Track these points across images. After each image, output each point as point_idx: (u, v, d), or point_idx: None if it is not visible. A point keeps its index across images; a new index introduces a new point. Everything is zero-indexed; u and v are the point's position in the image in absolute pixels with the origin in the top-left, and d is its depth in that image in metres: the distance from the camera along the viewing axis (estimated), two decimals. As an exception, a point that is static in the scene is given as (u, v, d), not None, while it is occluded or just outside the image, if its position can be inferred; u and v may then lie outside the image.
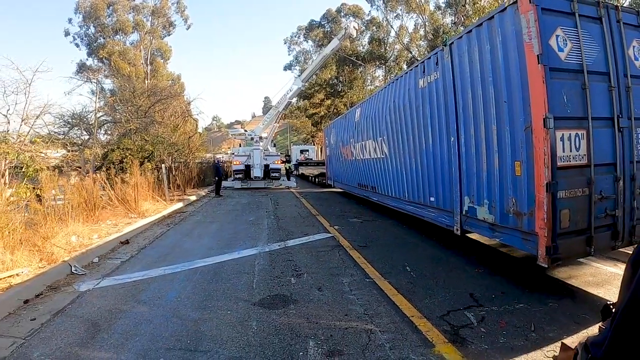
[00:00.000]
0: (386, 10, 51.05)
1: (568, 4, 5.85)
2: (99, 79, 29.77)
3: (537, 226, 5.48)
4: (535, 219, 5.53)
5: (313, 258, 7.66)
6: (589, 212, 5.57)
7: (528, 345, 4.06)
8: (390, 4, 50.36)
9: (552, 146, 5.35)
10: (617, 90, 6.01)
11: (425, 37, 47.03)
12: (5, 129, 15.12)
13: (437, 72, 8.51)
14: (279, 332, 4.42)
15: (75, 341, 4.35)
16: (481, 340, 4.21)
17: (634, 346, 1.05)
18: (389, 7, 50.75)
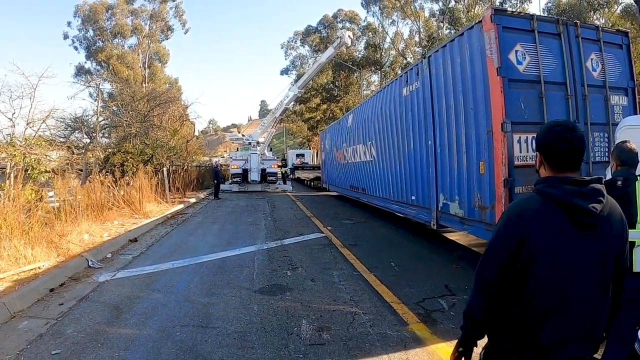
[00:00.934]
0: (382, 16, 51.73)
1: (528, 22, 6.74)
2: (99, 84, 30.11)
3: (497, 218, 6.29)
4: (496, 212, 6.37)
5: (307, 254, 8.41)
6: None
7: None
8: (386, 10, 51.07)
9: (509, 147, 6.21)
10: (574, 98, 6.87)
11: (420, 43, 47.86)
12: (10, 132, 15.78)
13: (417, 82, 9.36)
14: (276, 313, 5.18)
15: (102, 321, 5.09)
16: (449, 321, 4.95)
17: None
18: (384, 13, 51.45)
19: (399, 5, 49.25)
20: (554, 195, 1.74)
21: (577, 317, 1.74)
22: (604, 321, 1.83)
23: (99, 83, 30.00)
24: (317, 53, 49.97)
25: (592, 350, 1.80)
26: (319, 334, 4.59)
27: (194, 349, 4.23)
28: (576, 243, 1.72)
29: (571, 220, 1.71)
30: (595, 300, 1.77)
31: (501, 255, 1.81)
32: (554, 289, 1.72)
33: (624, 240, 1.86)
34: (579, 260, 1.72)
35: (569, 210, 1.71)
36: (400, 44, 52.98)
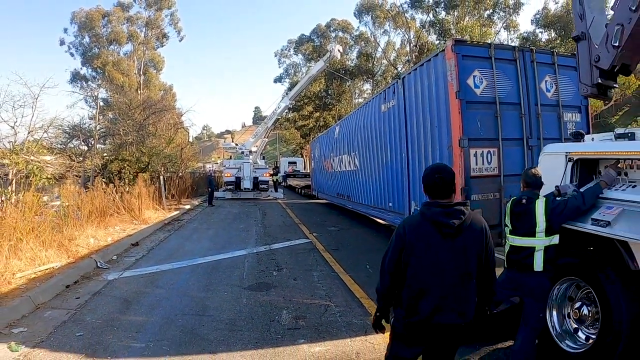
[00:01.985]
0: (374, 26, 52.75)
1: (486, 50, 7.81)
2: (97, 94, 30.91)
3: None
4: (455, 217, 7.39)
5: (292, 258, 9.41)
6: (500, 211, 7.36)
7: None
8: (379, 20, 52.11)
9: (465, 161, 7.28)
10: (528, 116, 7.93)
11: (411, 53, 48.91)
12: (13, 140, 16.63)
13: (394, 100, 10.44)
14: (262, 305, 6.19)
15: (115, 310, 6.06)
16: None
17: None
18: (377, 23, 52.45)
19: (391, 16, 50.38)
20: (427, 215, 2.77)
21: (446, 295, 2.74)
22: (471, 299, 2.83)
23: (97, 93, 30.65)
24: (310, 62, 50.94)
25: (461, 319, 2.78)
26: (296, 321, 5.59)
27: (193, 332, 5.22)
28: (441, 245, 2.73)
29: (438, 231, 2.73)
30: (460, 284, 2.77)
31: (394, 253, 2.83)
32: (425, 276, 2.74)
33: (484, 243, 2.85)
34: (443, 257, 2.73)
35: (436, 224, 2.73)
36: (391, 54, 54.11)
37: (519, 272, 4.06)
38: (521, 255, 4.04)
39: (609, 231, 3.70)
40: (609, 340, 3.69)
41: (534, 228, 4.02)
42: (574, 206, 4.01)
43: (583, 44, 5.03)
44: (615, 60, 4.54)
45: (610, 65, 4.62)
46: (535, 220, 4.02)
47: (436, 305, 2.71)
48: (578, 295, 4.29)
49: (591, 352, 3.92)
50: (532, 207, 4.07)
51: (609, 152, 4.28)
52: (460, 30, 43.24)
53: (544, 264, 3.94)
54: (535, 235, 4.01)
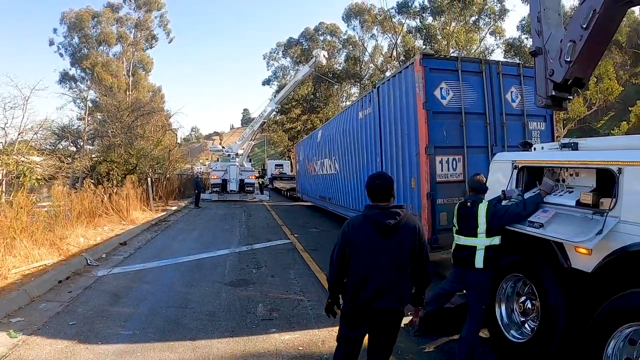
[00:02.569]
0: (362, 30, 53.35)
1: (454, 63, 8.48)
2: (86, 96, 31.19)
3: (422, 224, 7.97)
4: (421, 219, 8.00)
5: (272, 257, 10.01)
6: None
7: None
8: (366, 24, 52.76)
9: (431, 167, 7.92)
10: (493, 125, 8.60)
11: (398, 58, 49.53)
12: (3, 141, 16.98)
13: (370, 108, 11.08)
14: (240, 299, 6.78)
15: (105, 303, 6.62)
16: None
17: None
18: (364, 27, 53.08)
19: (379, 20, 51.01)
20: (368, 215, 3.39)
21: (383, 283, 3.35)
22: (406, 287, 3.45)
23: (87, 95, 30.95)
24: (299, 65, 51.17)
25: (397, 304, 3.40)
26: (270, 313, 6.20)
27: (176, 321, 5.81)
28: (379, 241, 3.34)
29: (377, 229, 3.35)
30: (396, 274, 3.38)
31: (340, 248, 3.44)
32: (365, 267, 3.35)
33: (417, 240, 3.44)
34: (381, 252, 3.34)
35: (375, 224, 3.35)
36: (379, 59, 54.75)
37: (463, 268, 4.65)
38: (464, 254, 4.62)
39: (541, 232, 4.29)
40: (547, 331, 4.25)
41: (476, 229, 4.57)
42: (515, 212, 4.59)
43: (540, 58, 5.65)
44: (568, 74, 5.15)
45: (563, 79, 5.23)
46: (477, 222, 4.58)
47: (375, 292, 3.32)
48: (525, 291, 4.85)
49: (532, 341, 4.47)
50: (475, 210, 4.62)
51: (549, 161, 4.89)
52: (446, 36, 44.11)
53: (484, 262, 4.49)
54: (477, 236, 4.57)
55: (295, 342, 5.22)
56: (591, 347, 3.58)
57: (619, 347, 3.43)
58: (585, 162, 4.29)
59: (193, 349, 4.98)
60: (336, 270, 3.48)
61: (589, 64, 5.27)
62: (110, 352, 4.88)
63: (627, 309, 3.36)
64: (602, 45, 5.20)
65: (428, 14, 46.56)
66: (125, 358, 4.72)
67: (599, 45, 5.09)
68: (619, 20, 5.22)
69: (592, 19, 4.75)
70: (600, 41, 5.04)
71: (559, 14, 6.01)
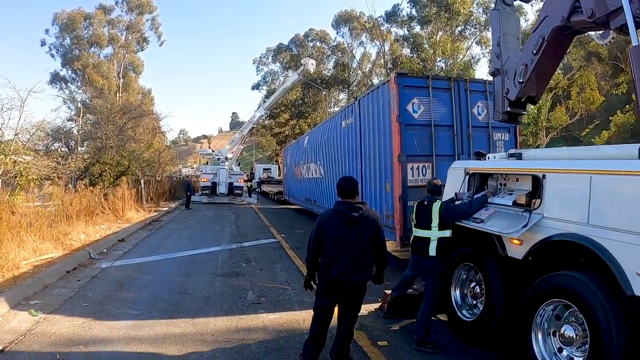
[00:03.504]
0: (351, 37, 54.02)
1: (425, 81, 9.49)
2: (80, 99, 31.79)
3: (395, 224, 8.95)
4: (395, 220, 8.95)
5: (260, 253, 10.91)
6: None
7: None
8: (355, 31, 53.55)
9: (404, 173, 8.87)
10: (460, 136, 9.59)
11: (385, 65, 50.34)
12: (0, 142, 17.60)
13: (352, 118, 12.03)
14: (232, 287, 7.69)
15: (112, 289, 7.47)
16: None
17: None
18: (353, 34, 53.84)
19: (367, 28, 51.84)
20: (337, 209, 4.35)
21: (349, 262, 4.29)
22: (367, 266, 4.40)
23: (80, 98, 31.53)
24: (288, 70, 51.86)
25: (359, 278, 4.36)
26: (259, 298, 7.10)
27: (177, 304, 6.69)
28: (345, 230, 4.29)
29: (343, 220, 4.29)
30: (358, 255, 4.33)
31: (315, 235, 4.38)
32: (334, 250, 4.29)
33: (375, 229, 4.41)
34: (346, 238, 4.29)
35: (342, 216, 4.30)
36: (367, 66, 55.61)
37: (419, 256, 5.63)
38: (421, 244, 5.58)
39: (481, 226, 5.24)
40: (489, 311, 5.16)
41: (430, 223, 5.54)
42: (462, 210, 5.56)
43: (498, 78, 6.61)
44: (521, 93, 6.11)
45: (516, 97, 6.20)
46: (431, 217, 5.55)
47: (342, 270, 4.26)
48: (474, 277, 5.79)
49: (479, 319, 5.39)
50: (430, 208, 5.58)
51: (494, 169, 5.86)
52: (433, 45, 45.10)
53: (437, 251, 5.45)
54: (431, 229, 5.54)
55: (280, 320, 6.13)
56: (523, 322, 4.49)
57: (545, 321, 4.33)
58: (522, 170, 5.25)
59: (193, 324, 5.85)
60: (312, 253, 4.43)
61: (539, 84, 6.24)
62: (122, 326, 5.73)
63: (547, 290, 4.29)
64: (551, 68, 6.18)
65: (415, 23, 47.23)
66: (136, 331, 5.57)
67: (548, 68, 6.06)
68: (565, 47, 6.22)
69: (542, 46, 5.70)
70: (549, 65, 6.01)
71: (517, 39, 6.98)
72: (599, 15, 4.87)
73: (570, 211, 4.25)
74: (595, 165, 4.13)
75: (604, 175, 3.95)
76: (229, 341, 5.32)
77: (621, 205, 3.76)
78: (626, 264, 3.56)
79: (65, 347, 5.03)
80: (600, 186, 3.96)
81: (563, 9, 5.35)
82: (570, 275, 4.12)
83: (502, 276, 5.12)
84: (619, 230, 3.66)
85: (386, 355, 5.03)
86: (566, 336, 4.11)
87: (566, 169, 4.45)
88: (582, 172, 4.19)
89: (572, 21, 5.31)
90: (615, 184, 3.87)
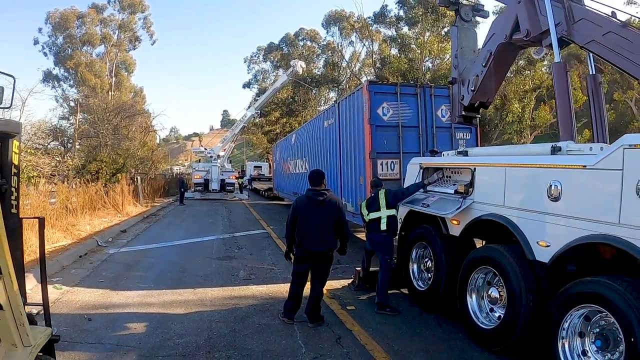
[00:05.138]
0: (341, 37, 54.57)
1: (394, 87, 10.71)
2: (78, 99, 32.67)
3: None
4: (367, 209, 10.14)
5: (250, 242, 12.14)
6: None
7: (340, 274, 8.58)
8: (345, 31, 54.18)
9: (374, 168, 10.07)
10: (425, 136, 10.78)
11: (374, 65, 51.15)
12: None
13: (332, 119, 13.22)
14: (226, 268, 8.92)
15: (122, 269, 8.67)
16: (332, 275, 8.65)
17: None
18: (343, 34, 54.43)
19: (357, 28, 52.55)
20: (307, 194, 5.64)
21: (316, 235, 5.56)
22: (331, 239, 5.69)
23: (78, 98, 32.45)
24: (278, 69, 52.46)
25: (325, 248, 5.66)
26: (249, 275, 8.33)
27: (179, 280, 7.91)
28: (314, 211, 5.56)
29: (312, 203, 5.57)
30: (324, 230, 5.60)
31: (291, 215, 5.66)
32: (306, 227, 5.57)
33: (337, 210, 5.69)
34: (315, 217, 5.56)
35: (311, 199, 5.57)
36: (356, 65, 56.33)
37: (372, 233, 6.83)
38: (373, 224, 6.79)
39: (425, 209, 6.46)
40: (437, 280, 6.36)
41: (378, 206, 6.75)
42: (401, 192, 6.90)
43: (455, 86, 7.78)
44: (473, 99, 7.31)
45: (469, 103, 7.39)
46: (379, 203, 6.76)
47: (312, 241, 5.54)
48: (427, 254, 6.95)
49: (429, 289, 6.59)
50: (377, 196, 6.82)
51: (442, 164, 7.05)
52: (420, 45, 46.12)
53: (387, 226, 6.67)
54: (380, 210, 6.73)
55: (267, 291, 7.36)
56: (461, 285, 5.69)
57: (478, 286, 5.53)
58: (460, 164, 6.49)
59: (194, 294, 7.07)
60: (290, 229, 5.71)
61: (489, 92, 7.42)
62: (136, 295, 6.94)
63: (477, 259, 5.50)
64: (498, 78, 7.34)
65: (403, 24, 48.06)
66: (147, 299, 6.77)
67: (495, 78, 7.22)
68: (511, 60, 7.46)
69: (489, 59, 6.89)
70: (496, 75, 7.15)
71: (474, 51, 8.14)
72: (534, 35, 6.10)
73: (492, 196, 5.46)
74: (508, 160, 5.41)
75: (514, 167, 5.19)
76: (224, 305, 6.54)
77: (525, 190, 4.97)
78: (529, 235, 4.73)
79: (90, 310, 6.23)
80: (512, 176, 5.19)
81: (506, 28, 6.58)
82: (493, 247, 5.37)
83: (445, 251, 6.30)
84: (524, 210, 4.86)
85: (353, 316, 6.20)
86: (492, 297, 5.31)
87: (489, 163, 5.72)
88: (499, 166, 5.45)
89: (514, 39, 6.52)
90: (520, 174, 5.10)
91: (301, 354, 4.81)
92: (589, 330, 3.95)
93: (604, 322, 3.80)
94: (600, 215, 3.88)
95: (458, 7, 8.55)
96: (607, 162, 3.89)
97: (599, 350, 3.84)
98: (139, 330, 5.44)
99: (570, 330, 4.06)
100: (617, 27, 5.13)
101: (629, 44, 4.92)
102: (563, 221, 4.27)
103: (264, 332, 5.40)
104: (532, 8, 6.09)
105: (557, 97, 6.52)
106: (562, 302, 4.11)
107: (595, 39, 5.34)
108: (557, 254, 4.29)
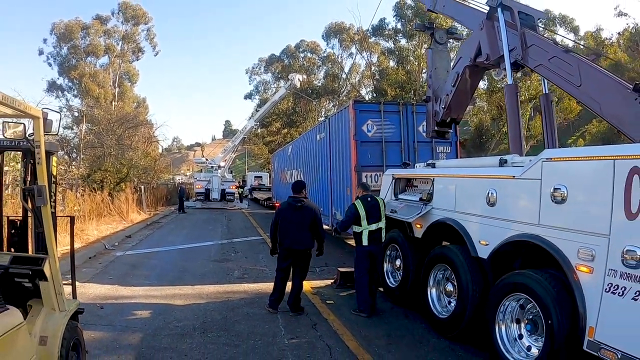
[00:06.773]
0: (341, 49, 55.08)
1: (378, 106, 11.62)
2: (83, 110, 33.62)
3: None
4: (353, 218, 11.02)
5: (246, 247, 13.05)
6: None
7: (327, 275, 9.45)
8: (345, 43, 54.78)
9: (359, 180, 10.85)
10: (407, 150, 11.60)
11: (372, 77, 51.82)
12: (12, 151, 19.54)
13: (324, 133, 14.12)
14: (222, 268, 9.83)
15: (128, 269, 9.59)
16: (319, 275, 9.42)
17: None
18: (343, 46, 55.04)
19: (357, 40, 53.17)
20: (288, 200, 6.62)
21: (296, 236, 6.51)
22: (308, 239, 6.63)
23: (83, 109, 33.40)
24: (279, 80, 52.96)
25: (303, 247, 6.61)
26: (243, 275, 9.24)
27: (180, 278, 8.82)
28: (293, 214, 6.53)
29: (292, 208, 6.53)
30: (301, 231, 6.54)
31: (275, 218, 6.65)
32: (286, 228, 6.53)
33: (313, 215, 6.62)
34: (294, 220, 6.51)
35: (291, 205, 6.55)
36: (356, 77, 56.83)
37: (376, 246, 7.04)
38: (378, 234, 6.94)
39: (394, 215, 7.34)
40: (405, 277, 7.23)
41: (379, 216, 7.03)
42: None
43: (430, 103, 8.66)
44: (444, 116, 8.16)
45: (441, 119, 8.25)
46: (380, 211, 7.06)
47: (292, 240, 6.50)
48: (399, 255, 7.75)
49: (399, 284, 7.43)
50: (377, 204, 7.13)
51: (410, 174, 7.95)
52: (417, 57, 46.89)
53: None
54: (381, 220, 7.05)
55: (257, 288, 8.25)
56: (422, 281, 6.54)
57: (438, 281, 6.38)
58: (423, 175, 7.38)
59: (193, 289, 7.98)
60: (273, 230, 6.70)
61: (458, 109, 8.28)
62: (141, 289, 7.87)
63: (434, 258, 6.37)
64: (465, 97, 8.15)
65: (401, 37, 48.80)
66: (152, 292, 7.69)
67: (463, 97, 8.05)
68: (475, 81, 8.30)
69: (457, 80, 7.77)
70: (464, 94, 7.98)
71: (447, 71, 8.95)
72: (493, 59, 6.96)
73: (446, 202, 6.35)
74: (457, 171, 6.35)
75: (462, 178, 6.13)
76: (219, 298, 7.46)
77: (470, 197, 5.85)
78: (473, 235, 5.63)
79: (102, 300, 7.16)
80: (460, 185, 6.12)
81: (471, 52, 7.46)
82: (448, 247, 6.28)
83: (411, 251, 7.14)
84: (469, 214, 5.77)
85: (330, 309, 7.07)
86: (448, 290, 6.18)
87: (443, 174, 6.68)
88: (451, 177, 6.41)
89: (477, 62, 7.39)
90: (466, 183, 6.02)
91: (281, 335, 5.73)
92: (523, 317, 4.72)
93: (535, 310, 4.51)
94: (525, 218, 4.74)
95: (433, 31, 9.52)
96: (529, 173, 4.75)
97: (531, 333, 4.62)
98: (144, 316, 6.37)
99: (507, 316, 4.83)
100: (561, 53, 5.94)
101: (569, 66, 5.71)
102: (498, 223, 5.14)
103: (251, 319, 6.32)
104: (492, 34, 6.92)
105: (509, 115, 7.47)
106: (498, 290, 4.95)
107: (542, 62, 6.13)
108: (494, 251, 5.15)
